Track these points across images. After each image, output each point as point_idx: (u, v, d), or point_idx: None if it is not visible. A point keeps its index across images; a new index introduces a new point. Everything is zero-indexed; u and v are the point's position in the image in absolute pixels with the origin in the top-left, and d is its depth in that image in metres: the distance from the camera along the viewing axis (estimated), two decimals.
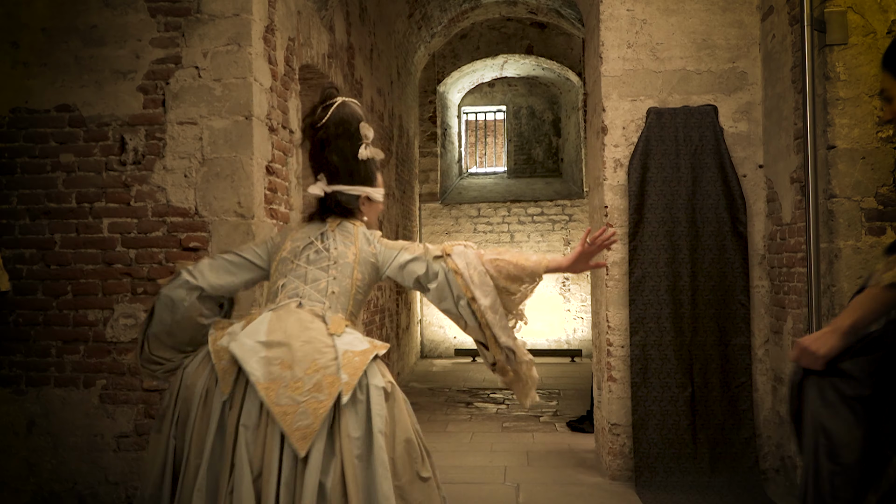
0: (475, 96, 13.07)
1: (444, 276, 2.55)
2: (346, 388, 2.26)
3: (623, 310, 4.81)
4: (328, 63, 5.85)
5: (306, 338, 2.33)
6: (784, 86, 4.47)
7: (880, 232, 3.84)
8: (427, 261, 2.59)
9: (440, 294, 2.57)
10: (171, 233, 4.16)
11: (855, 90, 3.86)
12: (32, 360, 4.23)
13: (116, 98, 4.20)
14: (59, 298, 4.22)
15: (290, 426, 2.19)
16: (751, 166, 4.85)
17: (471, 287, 2.53)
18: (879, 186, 3.85)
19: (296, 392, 2.22)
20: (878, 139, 3.85)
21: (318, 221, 2.68)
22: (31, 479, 4.20)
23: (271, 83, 4.47)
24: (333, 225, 2.65)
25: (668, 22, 4.90)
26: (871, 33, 3.85)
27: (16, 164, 4.25)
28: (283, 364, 2.26)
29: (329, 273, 2.56)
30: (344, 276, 2.57)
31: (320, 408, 2.22)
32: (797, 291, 4.33)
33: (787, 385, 3.41)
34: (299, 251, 2.60)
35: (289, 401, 2.21)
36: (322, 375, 2.26)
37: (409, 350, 9.86)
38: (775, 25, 4.60)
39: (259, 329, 2.35)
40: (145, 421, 4.14)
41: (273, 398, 2.21)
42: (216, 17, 4.15)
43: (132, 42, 4.19)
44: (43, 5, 4.25)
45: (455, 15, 9.73)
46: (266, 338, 2.32)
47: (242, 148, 4.13)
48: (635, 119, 4.89)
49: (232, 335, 2.38)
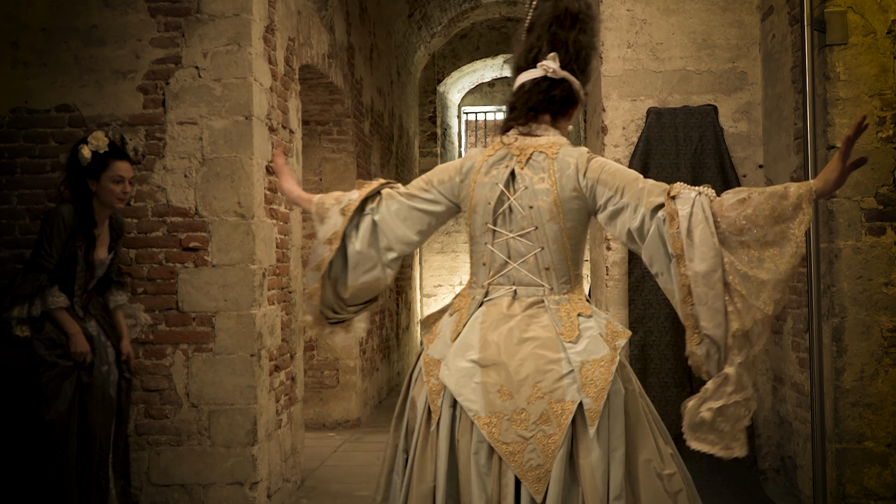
0: (475, 96, 13.06)
1: (657, 229, 1.96)
2: (591, 417, 1.91)
3: (623, 310, 4.81)
4: (328, 63, 5.85)
5: (523, 354, 1.97)
6: (784, 86, 4.47)
7: (880, 232, 3.84)
8: (644, 211, 1.99)
9: (651, 254, 1.99)
10: (171, 233, 4.16)
11: (855, 90, 3.86)
12: None
13: (116, 98, 4.20)
14: None
15: (521, 467, 1.89)
16: (751, 166, 4.85)
17: (684, 243, 1.91)
18: (879, 186, 3.85)
19: (521, 427, 1.91)
20: (878, 139, 3.85)
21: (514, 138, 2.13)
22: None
23: (271, 83, 4.46)
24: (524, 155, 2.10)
25: (668, 22, 4.90)
26: (871, 33, 3.85)
27: (16, 164, 4.25)
28: (502, 392, 1.94)
29: (535, 241, 2.07)
30: (552, 240, 2.06)
31: (550, 444, 1.90)
32: (797, 291, 4.33)
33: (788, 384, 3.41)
34: (492, 209, 2.10)
35: (515, 437, 1.90)
36: (548, 403, 1.92)
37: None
38: (775, 25, 4.60)
39: (470, 341, 2.02)
40: (145, 421, 4.14)
41: (497, 435, 1.91)
42: (216, 17, 4.15)
43: (132, 42, 4.19)
44: (43, 5, 4.25)
45: (455, 15, 9.73)
46: (479, 354, 1.98)
47: (242, 148, 4.13)
48: (635, 119, 4.89)
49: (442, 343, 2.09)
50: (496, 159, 2.13)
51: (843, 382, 3.81)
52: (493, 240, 2.11)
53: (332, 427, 6.63)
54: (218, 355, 4.10)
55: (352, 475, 5.18)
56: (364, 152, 7.10)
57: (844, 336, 3.82)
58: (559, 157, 2.08)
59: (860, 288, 3.82)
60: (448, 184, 2.20)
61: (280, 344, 4.56)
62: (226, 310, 4.11)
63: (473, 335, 2.04)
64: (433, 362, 2.08)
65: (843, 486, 3.79)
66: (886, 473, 3.79)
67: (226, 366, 4.10)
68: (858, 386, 3.80)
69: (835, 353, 3.83)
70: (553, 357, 1.97)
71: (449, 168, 2.22)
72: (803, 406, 4.21)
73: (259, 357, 4.15)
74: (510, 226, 2.09)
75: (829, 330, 3.86)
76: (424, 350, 2.15)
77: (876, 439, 3.79)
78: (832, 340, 3.84)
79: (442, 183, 2.20)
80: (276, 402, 4.46)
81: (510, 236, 2.09)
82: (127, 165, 3.56)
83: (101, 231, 3.59)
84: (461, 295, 2.20)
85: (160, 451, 4.12)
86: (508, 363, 1.96)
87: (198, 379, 4.12)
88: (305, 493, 4.82)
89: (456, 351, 2.03)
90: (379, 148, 7.89)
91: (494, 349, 1.99)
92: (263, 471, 4.18)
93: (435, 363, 2.07)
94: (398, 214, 2.18)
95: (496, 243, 2.10)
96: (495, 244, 2.10)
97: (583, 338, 2.01)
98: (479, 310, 2.10)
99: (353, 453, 5.83)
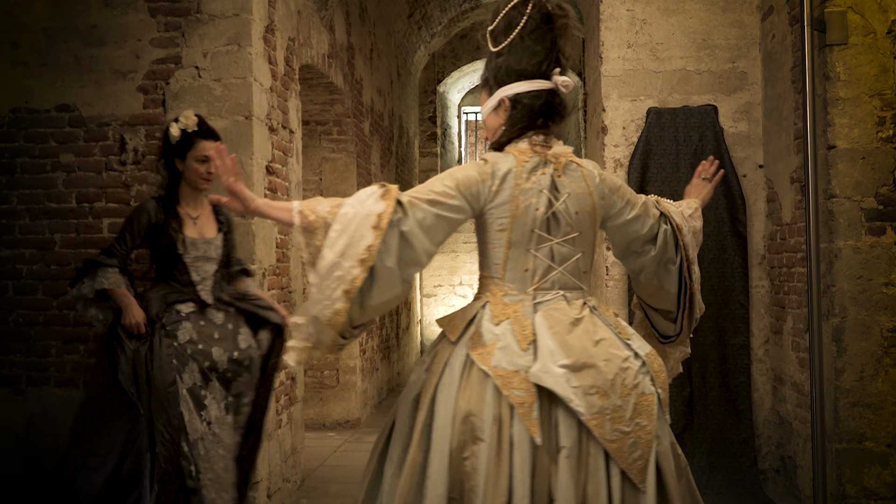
0: (475, 96, 13.07)
1: (665, 238, 2.27)
2: (665, 405, 2.07)
3: (623, 310, 4.81)
4: (328, 63, 5.85)
5: (604, 354, 2.03)
6: (784, 86, 4.47)
7: (880, 232, 3.84)
8: (652, 221, 2.28)
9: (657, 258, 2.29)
10: None
11: (855, 90, 3.86)
12: (32, 360, 4.23)
13: (116, 98, 4.20)
14: (59, 298, 4.22)
15: (626, 461, 1.98)
16: (751, 166, 4.85)
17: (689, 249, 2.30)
18: (879, 186, 3.85)
19: (620, 423, 1.98)
20: (878, 139, 3.85)
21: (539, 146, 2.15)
22: (31, 478, 4.20)
23: (271, 83, 4.46)
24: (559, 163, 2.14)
25: (668, 22, 4.90)
26: (871, 33, 3.85)
27: (16, 164, 4.25)
28: (600, 393, 1.99)
29: (577, 246, 2.14)
30: (589, 245, 2.18)
31: (646, 435, 2.01)
32: (797, 291, 4.33)
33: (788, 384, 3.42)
34: (540, 215, 2.10)
35: (618, 434, 1.98)
36: (636, 397, 2.02)
37: (409, 350, 9.87)
38: (775, 25, 4.60)
39: (551, 347, 2.02)
40: None
41: (604, 434, 1.97)
42: (216, 17, 4.15)
43: (132, 42, 4.19)
44: (43, 5, 4.25)
45: (455, 15, 9.73)
46: (569, 359, 2.00)
47: (242, 148, 4.13)
48: (635, 119, 4.89)
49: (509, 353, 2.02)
50: (532, 165, 2.11)
51: (843, 382, 3.81)
52: (537, 245, 2.10)
53: (332, 427, 6.63)
54: None
55: (352, 475, 5.18)
56: (364, 152, 7.10)
57: (844, 336, 3.82)
58: (585, 167, 2.19)
59: (860, 288, 3.82)
60: (476, 188, 2.07)
61: None
62: None
63: (550, 341, 2.02)
64: (509, 374, 1.99)
65: (843, 486, 3.79)
66: (886, 473, 3.79)
67: None
68: (858, 386, 3.80)
69: (835, 353, 3.83)
70: (624, 355, 2.06)
71: (471, 173, 2.09)
72: (803, 406, 4.21)
73: None
74: (555, 231, 2.11)
75: (829, 330, 3.86)
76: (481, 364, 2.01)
77: (876, 439, 3.79)
78: (832, 340, 3.84)
79: (469, 188, 2.07)
80: (275, 402, 4.45)
81: (555, 241, 2.11)
82: (213, 144, 3.43)
83: (197, 212, 3.55)
84: (498, 303, 2.10)
85: None
86: (597, 364, 2.01)
87: None
88: (305, 493, 4.82)
89: (544, 358, 2.00)
90: (379, 148, 7.89)
91: (580, 352, 2.01)
92: (263, 471, 4.18)
93: (511, 375, 1.99)
94: (423, 224, 2.03)
95: (540, 248, 2.10)
96: (539, 249, 2.10)
97: (632, 335, 2.16)
98: (537, 315, 2.07)
99: (353, 453, 5.83)
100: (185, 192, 3.54)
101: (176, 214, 3.50)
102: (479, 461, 1.94)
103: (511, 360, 2.00)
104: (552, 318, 2.06)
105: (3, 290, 4.24)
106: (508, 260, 2.10)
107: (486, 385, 2.00)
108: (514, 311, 2.08)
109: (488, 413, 1.97)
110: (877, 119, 3.85)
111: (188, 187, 3.53)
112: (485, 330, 2.06)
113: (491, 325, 2.07)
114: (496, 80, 2.19)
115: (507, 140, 2.16)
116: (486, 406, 1.97)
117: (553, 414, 1.99)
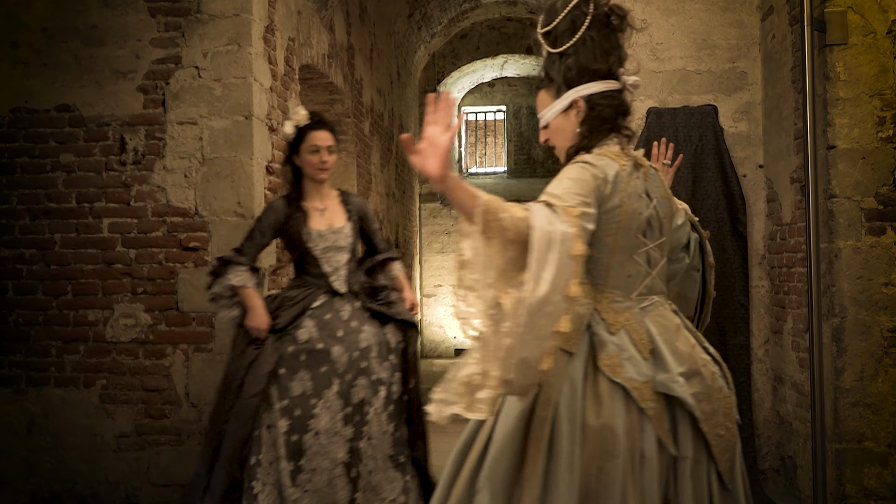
0: (475, 96, 13.07)
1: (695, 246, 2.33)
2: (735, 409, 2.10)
3: None
4: (328, 63, 5.85)
5: (702, 360, 2.05)
6: (784, 86, 4.47)
7: (880, 232, 3.84)
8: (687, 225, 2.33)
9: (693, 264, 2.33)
10: (171, 233, 4.16)
11: (855, 90, 3.86)
12: (32, 360, 4.23)
13: (116, 98, 4.20)
14: (59, 298, 4.22)
15: (724, 464, 2.01)
16: (751, 166, 4.85)
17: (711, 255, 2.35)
18: (879, 186, 3.85)
19: (719, 427, 2.01)
20: (878, 139, 3.85)
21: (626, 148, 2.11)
22: (30, 479, 4.20)
23: (271, 83, 4.46)
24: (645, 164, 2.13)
25: (668, 22, 4.90)
26: (871, 33, 3.85)
27: (16, 164, 4.25)
28: (706, 399, 2.00)
29: (664, 251, 2.15)
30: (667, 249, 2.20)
31: (731, 437, 2.04)
32: (797, 291, 4.33)
33: (787, 383, 3.41)
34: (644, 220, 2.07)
35: (716, 438, 2.01)
36: (724, 401, 2.05)
37: None
38: (775, 25, 4.60)
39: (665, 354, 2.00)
40: (145, 421, 4.14)
41: (712, 440, 1.99)
42: (216, 17, 4.15)
43: (132, 42, 4.19)
44: (43, 5, 4.25)
45: (455, 15, 9.73)
46: (682, 367, 1.99)
47: (242, 148, 4.13)
48: (635, 119, 4.89)
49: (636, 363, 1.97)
50: (629, 169, 2.06)
51: (843, 382, 3.81)
52: (638, 250, 2.07)
53: None
54: (218, 355, 4.10)
55: None
56: (364, 152, 7.10)
57: (844, 336, 3.82)
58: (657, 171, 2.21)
59: (860, 288, 3.82)
60: (598, 193, 1.95)
61: None
62: None
63: (664, 349, 2.01)
64: (641, 386, 1.95)
65: (843, 486, 3.79)
66: (886, 473, 3.79)
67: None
68: (858, 386, 3.80)
69: (835, 353, 3.83)
70: (707, 357, 2.09)
71: (586, 177, 1.95)
72: (803, 406, 4.21)
73: None
74: (650, 236, 2.10)
75: (829, 330, 3.86)
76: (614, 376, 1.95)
77: (876, 439, 3.79)
78: (832, 340, 3.84)
79: (594, 193, 1.95)
80: None
81: (651, 246, 2.09)
82: (324, 134, 3.49)
83: (324, 203, 3.56)
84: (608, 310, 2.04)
85: (160, 451, 4.12)
86: (701, 371, 2.02)
87: (198, 379, 4.12)
88: None
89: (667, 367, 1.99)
90: (379, 148, 7.89)
91: (688, 359, 2.02)
92: None
93: (643, 386, 1.95)
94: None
95: (640, 254, 2.08)
96: (640, 255, 2.08)
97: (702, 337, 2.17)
98: (646, 322, 2.05)
99: None
100: (309, 186, 3.55)
101: (302, 209, 3.52)
102: (613, 477, 1.88)
103: (640, 370, 1.96)
104: (659, 326, 2.04)
105: (3, 290, 4.24)
106: (613, 266, 2.04)
107: (616, 397, 1.93)
108: (625, 319, 2.03)
109: (620, 426, 1.91)
110: (877, 119, 3.85)
111: (310, 181, 3.54)
112: (606, 340, 1.99)
113: (608, 334, 2.00)
114: (565, 81, 2.12)
115: (594, 144, 2.09)
116: (617, 419, 1.91)
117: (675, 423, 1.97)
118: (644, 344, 1.99)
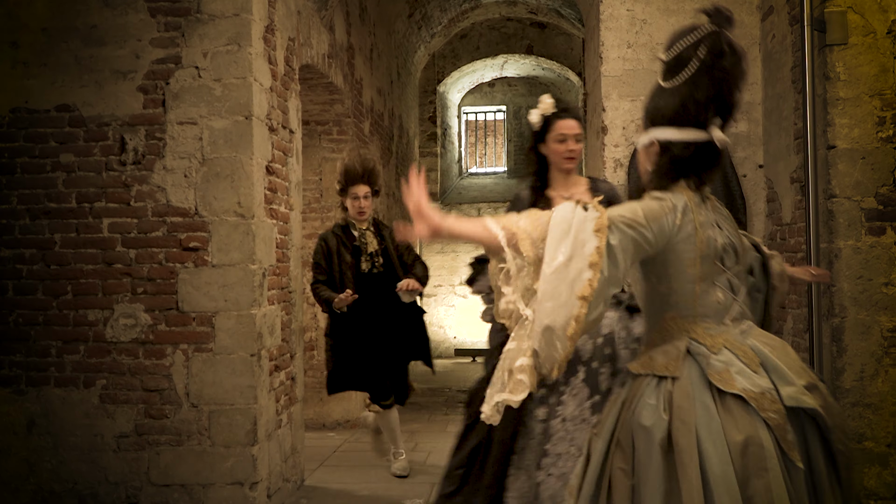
0: (475, 96, 13.06)
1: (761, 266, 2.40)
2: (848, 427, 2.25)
3: None
4: (328, 63, 5.85)
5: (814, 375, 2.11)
6: (784, 86, 4.46)
7: (880, 232, 3.84)
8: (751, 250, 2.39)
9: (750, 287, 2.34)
10: (171, 233, 4.16)
11: (855, 90, 3.86)
12: (32, 360, 4.23)
13: (116, 98, 4.20)
14: (59, 298, 4.22)
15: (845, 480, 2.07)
16: (751, 166, 4.85)
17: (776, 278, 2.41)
18: (879, 186, 3.85)
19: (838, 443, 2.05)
20: (878, 139, 3.85)
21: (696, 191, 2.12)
22: (31, 479, 4.20)
23: (271, 83, 4.46)
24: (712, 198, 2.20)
25: (668, 22, 4.90)
26: (871, 33, 3.85)
27: (16, 164, 4.25)
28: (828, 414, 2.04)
29: (742, 279, 2.20)
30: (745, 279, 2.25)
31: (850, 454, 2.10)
32: (797, 291, 4.33)
33: None
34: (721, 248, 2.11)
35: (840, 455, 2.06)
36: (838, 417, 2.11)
37: None
38: (775, 25, 4.60)
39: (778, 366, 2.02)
40: (145, 421, 4.14)
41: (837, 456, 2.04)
42: (216, 17, 4.15)
43: (132, 42, 4.19)
44: (43, 5, 4.25)
45: (455, 15, 9.73)
46: (801, 380, 2.02)
47: (242, 148, 4.13)
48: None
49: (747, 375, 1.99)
50: (698, 200, 2.11)
51: (843, 382, 3.81)
52: (719, 277, 2.10)
53: (332, 427, 6.63)
54: (218, 355, 4.10)
55: (352, 475, 5.18)
56: None
57: (844, 336, 3.82)
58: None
59: (860, 288, 3.82)
60: (662, 221, 2.00)
61: (280, 344, 4.56)
62: (226, 310, 4.11)
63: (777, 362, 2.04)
64: (758, 396, 1.96)
65: None
66: (886, 473, 3.78)
67: (226, 366, 4.10)
68: (858, 386, 3.80)
69: (835, 353, 3.83)
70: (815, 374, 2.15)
71: (653, 205, 2.02)
72: None
73: (259, 357, 4.15)
74: (729, 263, 2.13)
75: (829, 330, 3.86)
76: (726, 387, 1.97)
77: (876, 439, 3.79)
78: (832, 340, 3.84)
79: (656, 220, 1.99)
80: (276, 402, 4.46)
81: (730, 273, 2.13)
82: (570, 123, 3.36)
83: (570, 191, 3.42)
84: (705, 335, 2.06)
85: (160, 451, 4.12)
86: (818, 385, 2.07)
87: (198, 379, 4.12)
88: (305, 493, 4.81)
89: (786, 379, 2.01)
90: (379, 148, 7.89)
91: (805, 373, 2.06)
92: (263, 471, 4.19)
93: (760, 396, 1.96)
94: (623, 242, 1.94)
95: (722, 280, 2.11)
96: (721, 281, 2.11)
97: None
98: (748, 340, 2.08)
99: (353, 453, 5.83)
100: (555, 176, 3.45)
101: (546, 197, 3.43)
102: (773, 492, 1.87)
103: (752, 381, 1.96)
104: (764, 344, 2.07)
105: (3, 290, 4.24)
106: (700, 295, 2.06)
107: (748, 409, 1.94)
108: (724, 340, 2.04)
109: (766, 438, 1.92)
110: (877, 119, 3.84)
111: (556, 170, 3.45)
112: (710, 359, 2.00)
113: (711, 353, 2.01)
114: (650, 118, 2.15)
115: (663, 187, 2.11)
116: (760, 431, 1.92)
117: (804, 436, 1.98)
118: (751, 358, 2.01)
